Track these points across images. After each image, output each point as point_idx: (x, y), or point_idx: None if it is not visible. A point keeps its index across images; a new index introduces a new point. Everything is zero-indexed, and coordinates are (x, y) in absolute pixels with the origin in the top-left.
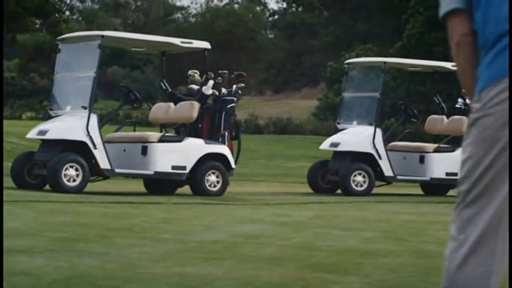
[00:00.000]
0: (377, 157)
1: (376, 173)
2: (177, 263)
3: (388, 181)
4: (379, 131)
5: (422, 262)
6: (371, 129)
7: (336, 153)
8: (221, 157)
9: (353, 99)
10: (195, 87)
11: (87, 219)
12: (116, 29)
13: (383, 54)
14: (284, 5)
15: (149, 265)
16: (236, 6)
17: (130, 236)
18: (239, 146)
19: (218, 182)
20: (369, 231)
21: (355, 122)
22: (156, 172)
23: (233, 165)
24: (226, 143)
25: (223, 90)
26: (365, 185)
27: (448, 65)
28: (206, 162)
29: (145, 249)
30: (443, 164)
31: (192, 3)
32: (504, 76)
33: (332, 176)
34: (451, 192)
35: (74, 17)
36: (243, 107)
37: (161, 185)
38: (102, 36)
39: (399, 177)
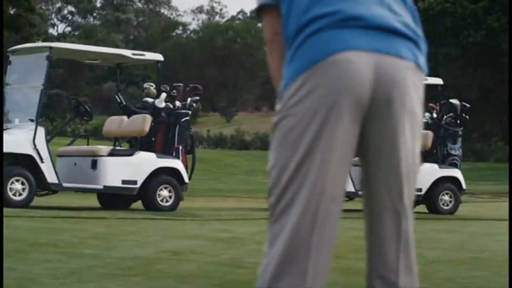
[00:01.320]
0: None
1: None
2: (79, 280)
3: (349, 196)
4: None
5: (345, 280)
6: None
7: None
8: (173, 172)
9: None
10: (150, 100)
11: (15, 233)
12: (116, 45)
13: None
14: None
15: (48, 282)
16: (235, 22)
17: (49, 251)
18: (194, 160)
19: (170, 197)
20: None
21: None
22: (105, 187)
23: (186, 180)
24: (180, 158)
25: (178, 103)
26: None
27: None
28: (158, 176)
29: (55, 265)
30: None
31: (193, 19)
32: (303, 70)
33: None
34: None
35: (77, 33)
36: (238, 123)
37: (114, 199)
38: (50, 47)
39: (360, 192)
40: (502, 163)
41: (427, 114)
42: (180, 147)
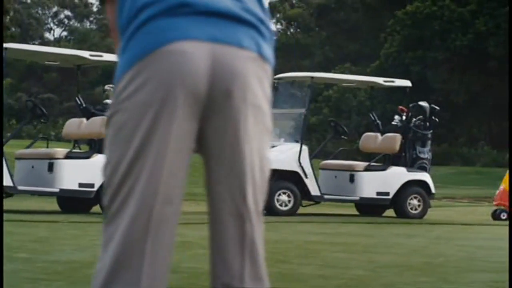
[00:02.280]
0: (303, 175)
1: (303, 192)
2: None
3: (315, 200)
4: (305, 149)
5: (283, 286)
6: (297, 146)
7: None
8: None
9: (281, 115)
10: (110, 102)
11: None
12: (111, 49)
13: (360, 74)
14: (283, 26)
15: None
16: None
17: None
18: None
19: None
20: (267, 252)
21: (282, 139)
22: (61, 190)
23: None
24: None
25: None
26: (290, 205)
27: (380, 80)
28: None
29: None
30: (373, 183)
31: None
32: (134, 61)
33: None
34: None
35: (73, 37)
36: None
37: (73, 203)
38: (5, 48)
39: (326, 196)
40: (488, 168)
41: (396, 117)
42: None
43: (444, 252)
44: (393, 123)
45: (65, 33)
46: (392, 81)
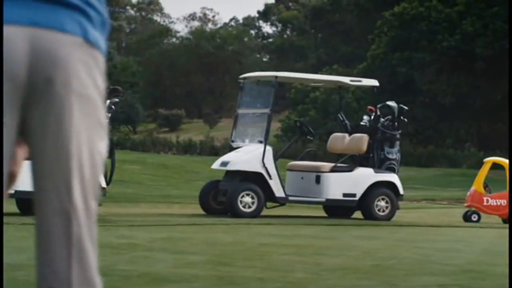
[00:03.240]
0: (267, 176)
1: (267, 194)
2: None
3: (280, 202)
4: (269, 149)
5: None
6: (262, 147)
7: (227, 173)
8: None
9: (247, 115)
10: None
11: None
12: (108, 52)
13: (347, 75)
14: (278, 28)
15: None
16: (222, 29)
17: None
18: (113, 165)
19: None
20: (201, 255)
21: (247, 140)
22: (17, 192)
23: (103, 185)
24: None
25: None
26: (253, 206)
27: (347, 79)
28: None
29: None
30: (339, 184)
31: (186, 26)
32: None
33: (223, 197)
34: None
35: None
36: (222, 129)
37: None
38: None
39: (291, 198)
40: (474, 169)
41: (365, 117)
42: None
43: (399, 255)
44: (361, 123)
45: None
46: (359, 81)
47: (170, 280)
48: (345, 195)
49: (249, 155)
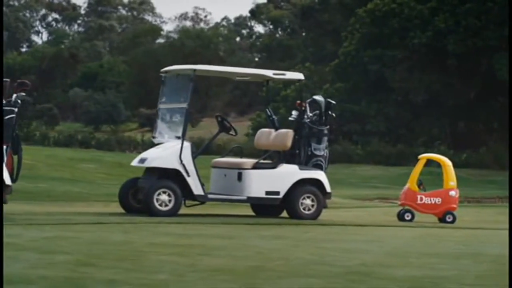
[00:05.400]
0: (184, 174)
1: (185, 192)
2: None
3: (198, 200)
4: (187, 146)
5: None
6: (180, 143)
7: (147, 170)
8: None
9: (167, 111)
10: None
11: None
12: (99, 52)
13: (320, 73)
14: (267, 28)
15: None
16: (205, 28)
17: None
18: (20, 161)
19: None
20: (72, 254)
21: (166, 136)
22: None
23: (8, 182)
24: (6, 158)
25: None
26: (170, 205)
27: (270, 73)
28: None
29: None
30: (262, 181)
31: (178, 26)
32: None
33: (141, 195)
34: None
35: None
36: (203, 128)
37: None
38: None
39: (211, 196)
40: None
41: (294, 112)
42: (5, 147)
43: (293, 255)
44: (290, 118)
45: (54, 36)
46: (283, 74)
47: (13, 281)
48: (268, 192)
49: (167, 151)
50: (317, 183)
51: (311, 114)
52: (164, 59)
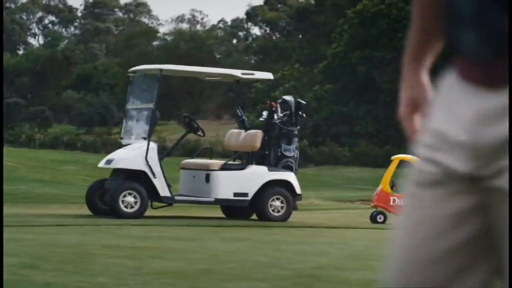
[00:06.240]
0: (150, 175)
1: (152, 193)
2: None
3: (165, 202)
4: (154, 147)
5: None
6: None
7: (114, 171)
8: None
9: (134, 111)
10: None
11: None
12: (95, 55)
13: (308, 74)
14: (263, 30)
15: None
16: (200, 30)
17: None
18: None
19: None
20: (17, 257)
21: (133, 137)
22: None
23: None
24: None
25: None
26: (136, 207)
27: (239, 72)
28: None
29: None
30: (230, 183)
31: (174, 28)
32: None
33: (108, 197)
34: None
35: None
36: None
37: None
38: None
39: (177, 197)
40: None
41: (264, 112)
42: None
43: (247, 258)
44: (260, 119)
45: (49, 38)
46: (252, 73)
47: None
48: (236, 194)
49: (133, 152)
50: (287, 184)
51: (281, 115)
52: (158, 61)
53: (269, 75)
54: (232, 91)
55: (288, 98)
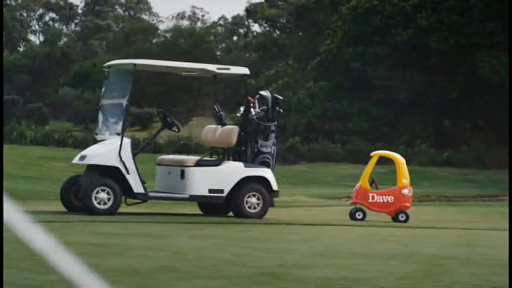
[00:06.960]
0: (124, 171)
1: (125, 190)
2: None
3: (139, 198)
4: (127, 142)
5: None
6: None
7: (88, 167)
8: None
9: (108, 106)
10: None
11: None
12: (95, 52)
13: (301, 71)
14: (263, 27)
15: None
16: (200, 27)
17: None
18: None
19: None
20: None
21: (107, 133)
22: None
23: None
24: None
25: None
26: (109, 203)
27: (214, 67)
28: None
29: None
30: (205, 179)
31: (174, 25)
32: None
33: (81, 193)
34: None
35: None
36: (192, 127)
37: None
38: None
39: (151, 194)
40: (424, 167)
41: (242, 108)
42: None
43: (211, 256)
44: (237, 114)
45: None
46: (227, 69)
47: None
48: (211, 190)
49: (106, 148)
50: (263, 181)
51: (258, 110)
52: (156, 58)
53: (245, 70)
54: (229, 88)
55: (265, 93)
